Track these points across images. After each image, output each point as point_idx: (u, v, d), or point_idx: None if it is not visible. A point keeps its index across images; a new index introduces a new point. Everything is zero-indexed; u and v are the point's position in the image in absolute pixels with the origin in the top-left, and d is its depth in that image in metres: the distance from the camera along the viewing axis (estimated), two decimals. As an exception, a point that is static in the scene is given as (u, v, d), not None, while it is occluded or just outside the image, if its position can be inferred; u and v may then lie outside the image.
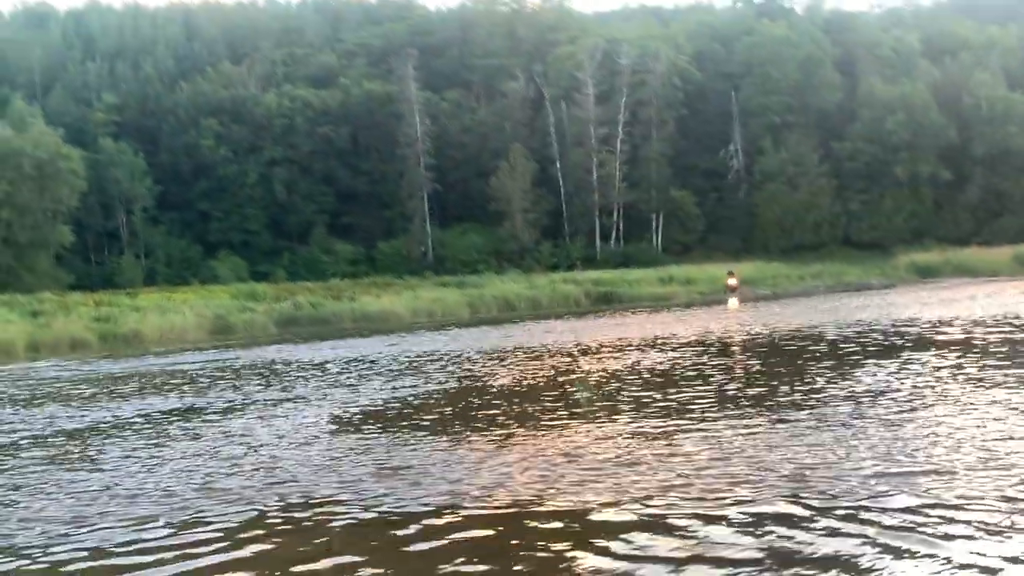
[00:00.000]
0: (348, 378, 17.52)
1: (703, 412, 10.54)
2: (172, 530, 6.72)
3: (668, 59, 75.54)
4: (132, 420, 13.27)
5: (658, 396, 12.16)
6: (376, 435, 10.42)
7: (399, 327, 38.98)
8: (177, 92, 73.85)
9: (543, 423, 10.54)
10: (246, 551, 6.16)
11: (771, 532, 5.80)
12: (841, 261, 66.68)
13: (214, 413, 13.56)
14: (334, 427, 11.35)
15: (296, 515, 6.94)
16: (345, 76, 78.54)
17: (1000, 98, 73.20)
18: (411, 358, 21.29)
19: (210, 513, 7.13)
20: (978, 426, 8.49)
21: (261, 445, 10.22)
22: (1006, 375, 11.83)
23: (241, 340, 36.63)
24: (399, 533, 6.36)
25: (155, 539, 6.47)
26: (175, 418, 13.27)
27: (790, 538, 5.66)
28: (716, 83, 77.91)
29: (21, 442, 11.71)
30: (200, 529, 6.70)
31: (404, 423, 11.27)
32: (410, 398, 13.84)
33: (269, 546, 6.25)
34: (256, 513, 7.08)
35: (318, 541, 6.32)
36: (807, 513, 6.12)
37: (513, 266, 66.17)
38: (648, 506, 6.54)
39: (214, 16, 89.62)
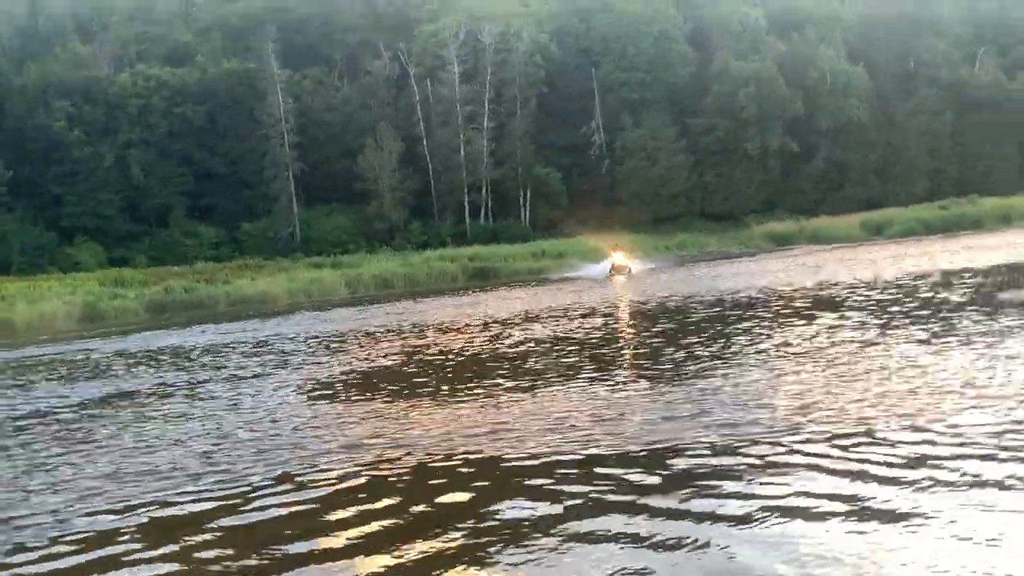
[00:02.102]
0: (296, 356, 17.71)
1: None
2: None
3: (530, 37, 76.53)
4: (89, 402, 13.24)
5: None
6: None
7: (277, 309, 38.81)
8: (24, 72, 70.42)
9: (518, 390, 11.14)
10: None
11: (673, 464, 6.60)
12: (699, 232, 69.56)
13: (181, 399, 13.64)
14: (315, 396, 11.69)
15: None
16: (201, 54, 76.52)
17: (842, 71, 77.29)
18: (324, 339, 21.52)
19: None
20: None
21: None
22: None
23: (114, 327, 35.81)
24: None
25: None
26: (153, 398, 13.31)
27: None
28: (576, 60, 79.37)
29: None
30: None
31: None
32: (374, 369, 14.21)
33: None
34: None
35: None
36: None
37: (383, 245, 66.23)
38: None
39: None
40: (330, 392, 12.27)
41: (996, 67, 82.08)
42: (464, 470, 7.21)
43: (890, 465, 6.17)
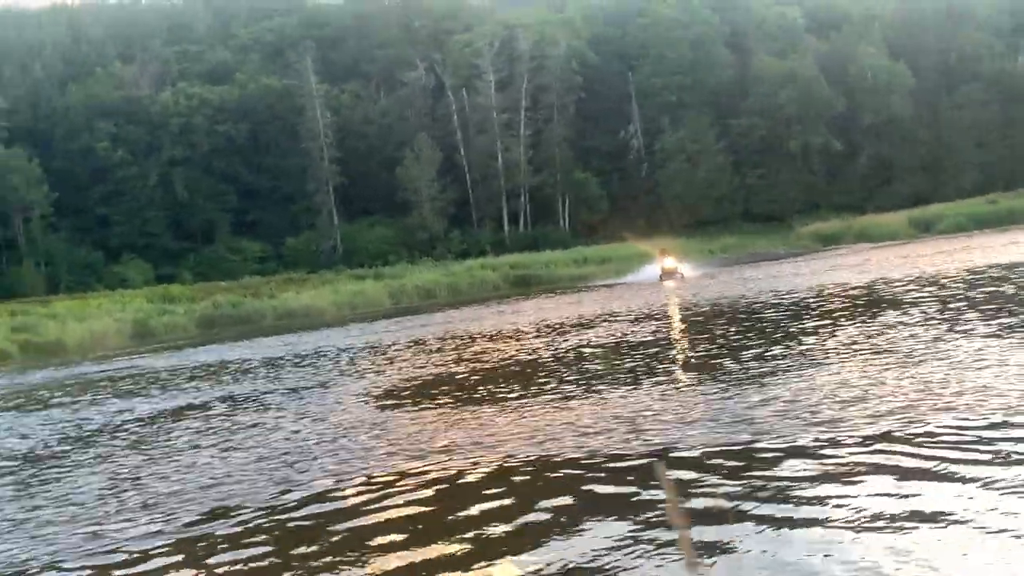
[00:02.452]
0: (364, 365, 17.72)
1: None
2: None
3: (565, 43, 76.54)
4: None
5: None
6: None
7: (324, 322, 38.98)
8: (68, 94, 71.63)
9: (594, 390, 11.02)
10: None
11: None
12: (743, 234, 68.98)
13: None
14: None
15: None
16: (241, 72, 77.35)
17: (884, 68, 76.39)
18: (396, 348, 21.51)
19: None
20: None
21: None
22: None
23: (166, 343, 36.16)
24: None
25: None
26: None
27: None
28: (613, 65, 79.24)
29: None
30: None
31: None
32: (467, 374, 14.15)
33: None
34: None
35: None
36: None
37: (424, 255, 66.38)
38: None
39: (99, 16, 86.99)
40: (397, 400, 12.22)
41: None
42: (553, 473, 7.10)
43: (973, 463, 5.98)
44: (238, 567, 5.78)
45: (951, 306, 15.03)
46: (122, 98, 71.67)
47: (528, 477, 7.07)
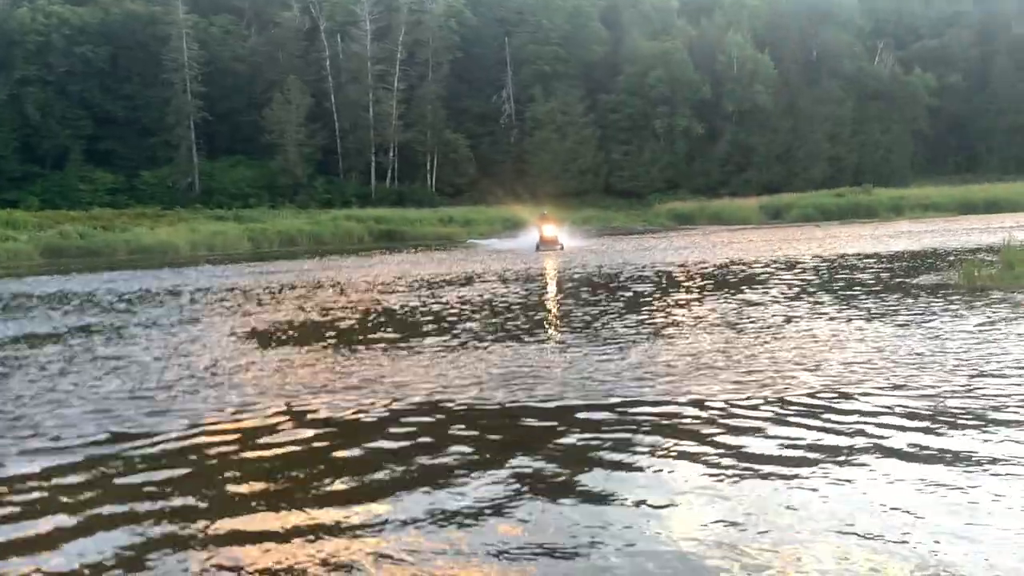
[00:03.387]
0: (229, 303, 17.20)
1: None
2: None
3: (445, 1, 75.89)
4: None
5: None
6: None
7: (179, 260, 37.78)
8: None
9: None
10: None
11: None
12: (604, 208, 70.30)
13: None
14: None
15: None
16: (104, -7, 73.47)
17: (749, 57, 78.86)
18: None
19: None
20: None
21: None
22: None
23: (6, 270, 34.37)
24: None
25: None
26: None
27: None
28: (491, 28, 79.14)
29: None
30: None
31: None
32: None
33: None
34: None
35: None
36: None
37: (286, 201, 65.14)
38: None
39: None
40: (267, 341, 12.00)
41: (894, 60, 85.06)
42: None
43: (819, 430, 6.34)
44: (102, 500, 5.59)
45: (801, 287, 15.81)
46: (-26, 9, 67.24)
47: (407, 421, 7.09)
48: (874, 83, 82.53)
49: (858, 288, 15.55)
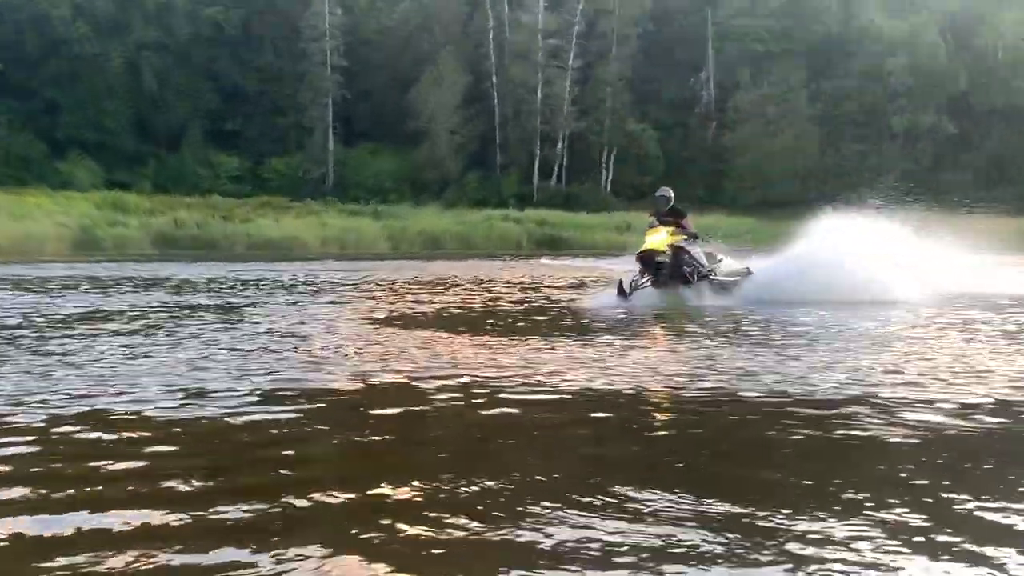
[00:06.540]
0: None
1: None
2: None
3: (635, -40, 76.15)
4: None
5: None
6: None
7: (305, 256, 39.34)
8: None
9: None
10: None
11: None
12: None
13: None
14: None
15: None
16: (237, -52, 77.34)
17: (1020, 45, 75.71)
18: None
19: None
20: None
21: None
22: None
23: (115, 258, 36.53)
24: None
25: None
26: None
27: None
28: (690, -3, 78.97)
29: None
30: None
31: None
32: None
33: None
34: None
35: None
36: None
37: (432, 198, 66.36)
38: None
39: None
40: (395, 324, 12.58)
41: None
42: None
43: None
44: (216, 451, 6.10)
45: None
46: (92, -40, 71.75)
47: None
48: None
49: None
